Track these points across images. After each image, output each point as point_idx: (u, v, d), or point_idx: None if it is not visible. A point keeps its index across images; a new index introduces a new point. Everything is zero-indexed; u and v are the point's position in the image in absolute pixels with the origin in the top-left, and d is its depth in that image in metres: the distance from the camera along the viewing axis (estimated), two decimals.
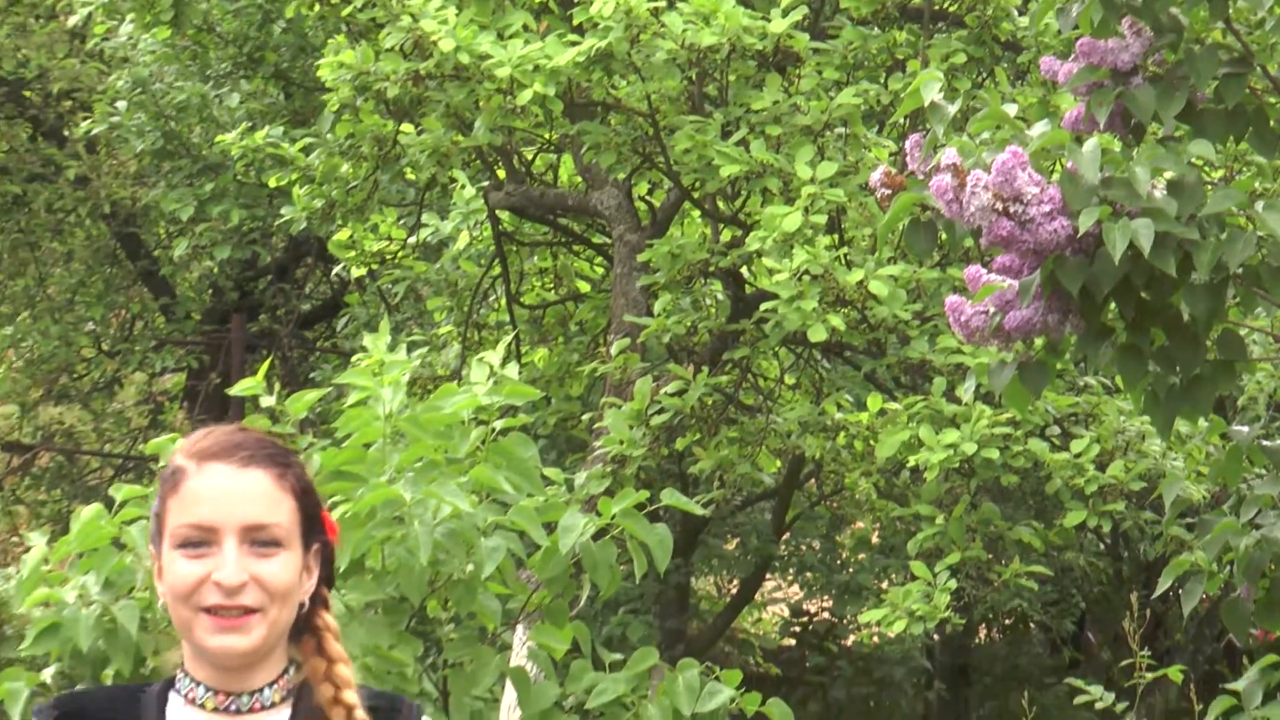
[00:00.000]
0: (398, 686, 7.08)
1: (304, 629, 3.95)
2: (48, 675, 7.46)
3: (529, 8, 12.08)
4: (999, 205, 6.21)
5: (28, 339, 22.13)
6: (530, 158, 13.53)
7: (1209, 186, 6.53)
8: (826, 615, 24.43)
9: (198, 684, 3.92)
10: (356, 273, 15.55)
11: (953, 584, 11.35)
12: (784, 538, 16.88)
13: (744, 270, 11.98)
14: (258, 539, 3.84)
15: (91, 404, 22.56)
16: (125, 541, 7.43)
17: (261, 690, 3.90)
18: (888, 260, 11.03)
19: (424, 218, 14.35)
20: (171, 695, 3.95)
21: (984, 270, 6.50)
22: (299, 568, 3.89)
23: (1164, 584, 7.70)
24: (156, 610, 7.35)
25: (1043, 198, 6.20)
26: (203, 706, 3.91)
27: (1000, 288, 6.44)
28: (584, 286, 14.68)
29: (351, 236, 14.42)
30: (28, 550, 7.72)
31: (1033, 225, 6.22)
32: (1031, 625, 22.51)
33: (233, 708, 3.90)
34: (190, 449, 3.92)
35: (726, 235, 12.31)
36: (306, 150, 13.11)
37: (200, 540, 3.82)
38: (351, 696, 3.93)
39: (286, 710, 3.98)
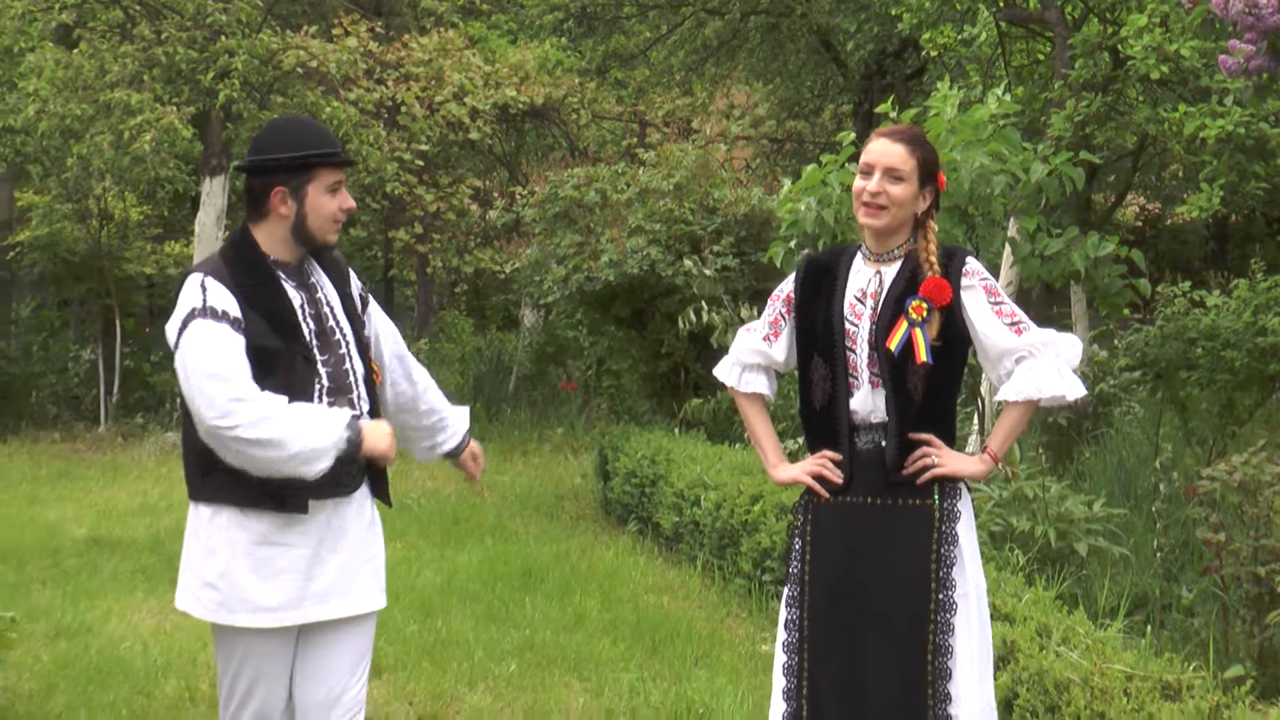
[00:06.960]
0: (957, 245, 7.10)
1: (919, 226, 3.87)
2: (792, 244, 7.64)
3: None
4: (1246, 9, 5.87)
5: (777, 92, 22.16)
6: None
7: None
8: (1157, 209, 23.52)
9: (864, 247, 3.90)
10: (932, 54, 15.18)
11: (1220, 192, 10.80)
12: (1135, 173, 16.06)
13: (1118, 45, 11.39)
14: (890, 175, 3.78)
15: (808, 118, 22.53)
16: (826, 182, 7.56)
17: (892, 250, 3.85)
18: (1190, 38, 10.38)
19: (965, 26, 13.94)
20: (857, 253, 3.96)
21: (1238, 41, 6.17)
22: (913, 193, 3.79)
23: None
24: (843, 213, 7.51)
25: (1269, 5, 5.84)
26: (866, 258, 3.89)
27: (1247, 50, 6.11)
28: (1040, 55, 14.13)
29: (930, 35, 14.07)
30: (783, 188, 7.92)
31: (1263, 17, 5.87)
32: (1258, 213, 21.15)
33: (880, 259, 3.85)
34: (876, 132, 3.87)
35: (1110, 30, 11.69)
36: None
37: (867, 171, 3.80)
38: (931, 248, 3.83)
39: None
